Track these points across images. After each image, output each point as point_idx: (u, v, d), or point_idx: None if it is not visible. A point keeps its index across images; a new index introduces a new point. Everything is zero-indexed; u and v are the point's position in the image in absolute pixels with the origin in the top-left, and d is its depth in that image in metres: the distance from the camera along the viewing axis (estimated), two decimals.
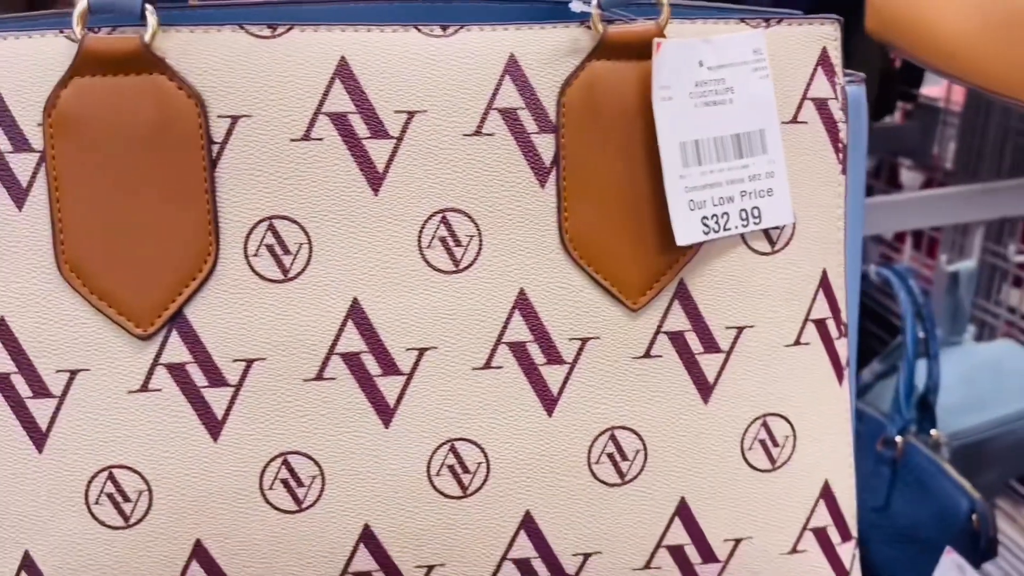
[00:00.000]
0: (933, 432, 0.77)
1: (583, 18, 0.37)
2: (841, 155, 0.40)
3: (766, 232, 0.39)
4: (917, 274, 1.09)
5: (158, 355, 0.36)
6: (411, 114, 0.36)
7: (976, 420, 0.85)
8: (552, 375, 0.38)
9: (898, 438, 0.74)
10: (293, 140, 0.36)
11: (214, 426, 0.36)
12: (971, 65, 0.47)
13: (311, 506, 0.37)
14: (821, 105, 0.39)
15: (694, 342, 0.38)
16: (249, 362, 0.36)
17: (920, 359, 0.77)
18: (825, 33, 0.39)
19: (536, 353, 0.37)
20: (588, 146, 0.37)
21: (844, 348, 0.40)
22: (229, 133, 0.35)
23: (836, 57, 0.39)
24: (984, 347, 0.97)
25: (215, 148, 0.35)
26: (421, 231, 0.36)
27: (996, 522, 0.72)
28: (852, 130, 0.41)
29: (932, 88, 1.15)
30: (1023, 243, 1.06)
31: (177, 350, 0.36)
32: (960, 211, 0.91)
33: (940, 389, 0.79)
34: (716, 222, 0.38)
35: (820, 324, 0.40)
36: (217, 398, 0.36)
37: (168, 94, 0.35)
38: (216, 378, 0.36)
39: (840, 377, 0.40)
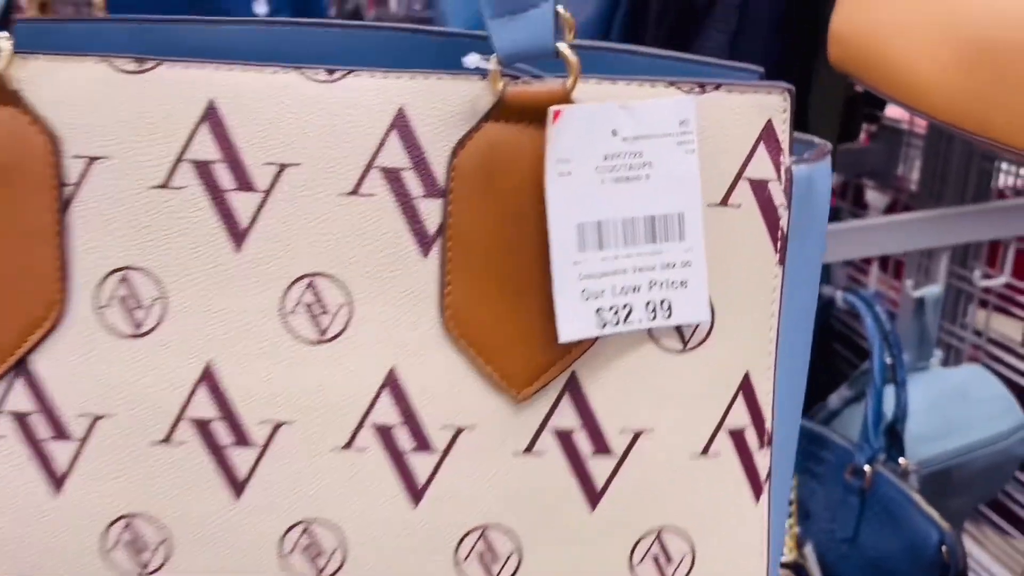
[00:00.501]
0: (902, 460, 0.77)
1: (485, 72, 0.33)
2: (779, 244, 0.34)
3: (678, 328, 0.34)
4: (884, 296, 1.11)
5: (1, 402, 0.34)
6: (282, 167, 0.33)
7: (944, 447, 0.84)
8: (421, 464, 0.34)
9: (867, 467, 0.73)
10: (152, 187, 0.33)
11: (56, 480, 0.34)
12: (935, 101, 0.46)
13: (155, 572, 0.35)
14: (759, 187, 0.34)
15: (583, 443, 0.34)
16: (95, 418, 0.34)
17: (888, 385, 0.76)
18: (771, 104, 0.34)
19: (404, 438, 0.34)
20: (478, 216, 0.33)
21: (766, 460, 0.36)
22: (84, 175, 0.33)
23: (783, 132, 0.34)
24: (951, 372, 0.96)
25: (68, 190, 0.33)
26: (285, 295, 0.33)
27: (965, 552, 0.71)
28: (808, 213, 0.35)
29: (896, 109, 1.13)
30: (989, 266, 1.07)
31: (21, 398, 0.34)
32: (926, 236, 0.91)
33: (908, 416, 0.79)
34: (615, 314, 0.33)
35: (736, 434, 0.35)
36: (61, 451, 0.34)
37: (21, 129, 0.32)
38: (60, 431, 0.34)
39: (757, 493, 0.36)
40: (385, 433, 0.34)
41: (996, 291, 1.07)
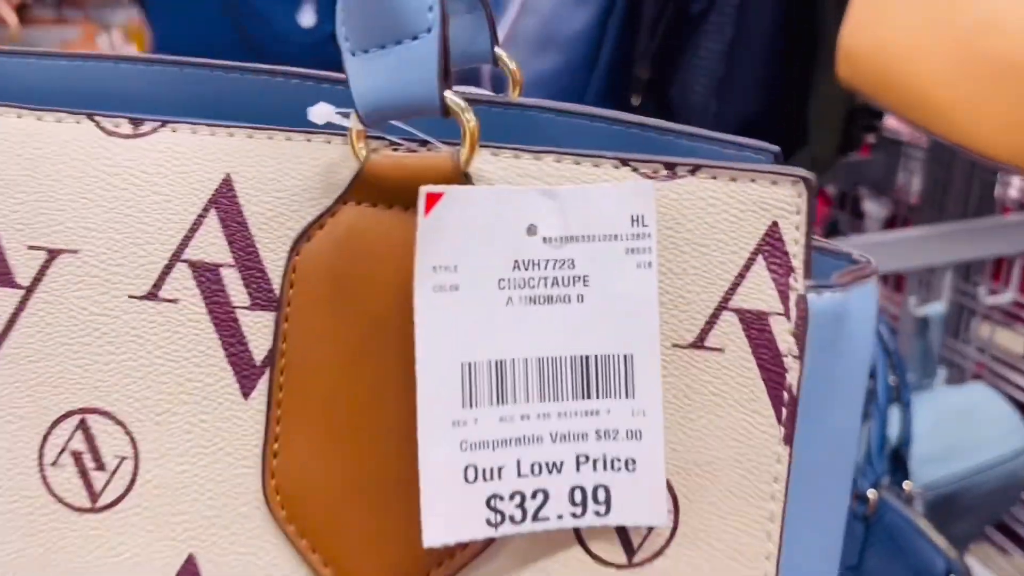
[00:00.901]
0: (906, 485, 0.74)
1: (336, 131, 0.22)
2: (784, 412, 0.23)
3: (621, 531, 0.22)
4: (884, 311, 1.06)
5: None
6: (53, 254, 0.23)
7: (950, 470, 0.83)
8: None
9: (871, 493, 0.70)
10: None
11: None
12: (942, 117, 0.46)
13: None
14: (754, 322, 0.22)
15: None
16: None
17: (892, 405, 0.74)
18: (777, 199, 0.22)
19: None
20: (325, 341, 0.22)
21: None
22: None
23: (795, 241, 0.22)
24: (956, 392, 0.93)
25: None
26: (44, 440, 0.23)
27: None
28: (838, 364, 0.23)
29: (895, 120, 1.09)
30: (993, 280, 1.03)
31: None
32: (929, 253, 0.88)
33: (912, 438, 0.77)
34: (519, 506, 0.22)
35: None
36: None
37: None
38: None
39: None
40: None
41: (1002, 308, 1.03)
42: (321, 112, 0.21)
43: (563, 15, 0.61)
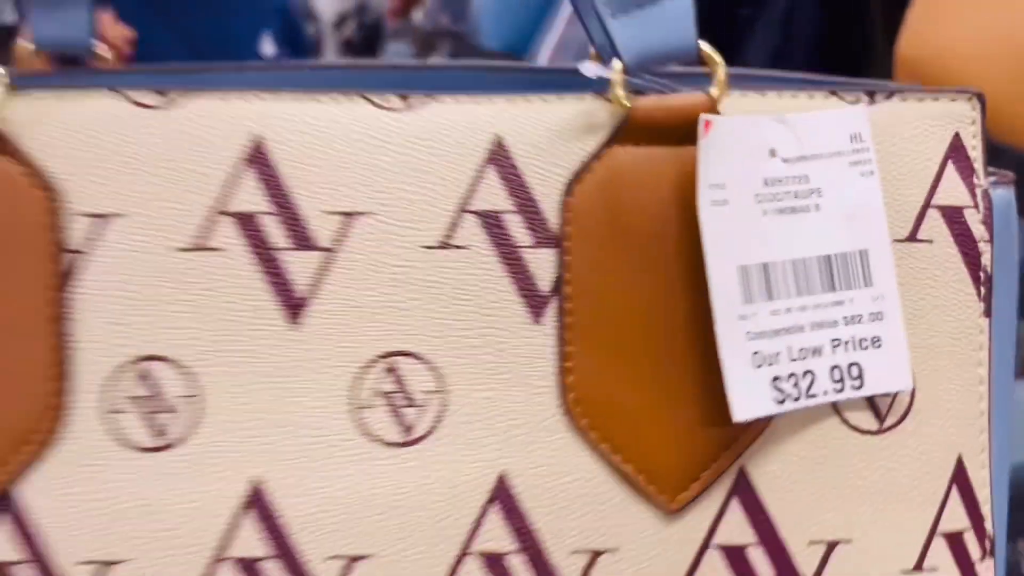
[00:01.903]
0: None
1: (600, 87, 0.26)
2: (983, 289, 0.27)
3: (871, 401, 0.26)
4: None
5: None
6: (349, 216, 0.25)
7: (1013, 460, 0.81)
8: None
9: None
10: (180, 249, 0.25)
11: None
12: (1003, 122, 0.42)
13: None
14: (953, 216, 0.27)
15: (762, 563, 0.26)
16: (105, 565, 0.25)
17: None
18: (958, 113, 0.27)
19: (522, 569, 0.25)
20: (604, 266, 0.25)
21: (990, 574, 0.27)
22: (91, 238, 0.25)
23: (974, 148, 0.27)
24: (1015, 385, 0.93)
25: (69, 258, 0.25)
26: (357, 383, 0.25)
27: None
28: (1000, 250, 0.28)
29: None
30: None
31: (3, 545, 0.25)
32: None
33: None
34: (795, 385, 0.25)
35: (954, 539, 0.27)
36: None
37: (13, 183, 0.25)
38: None
39: None
40: (496, 563, 0.25)
41: None
42: (589, 67, 0.25)
43: None
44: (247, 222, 0.25)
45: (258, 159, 0.25)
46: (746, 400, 0.24)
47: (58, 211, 0.25)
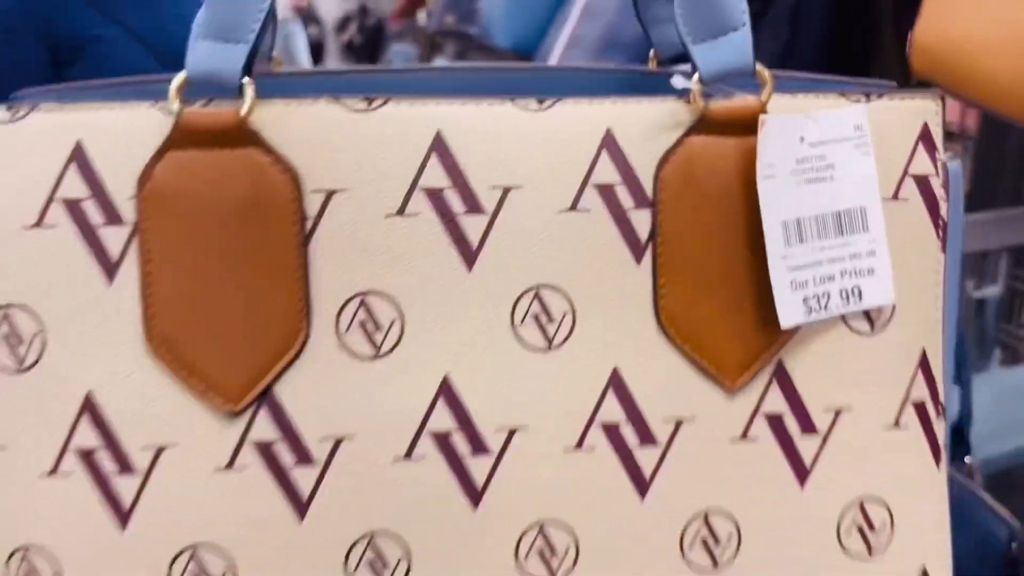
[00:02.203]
0: (967, 460, 0.75)
1: (682, 93, 0.36)
2: (941, 233, 0.38)
3: (866, 312, 0.38)
4: None
5: (245, 432, 0.35)
6: (507, 189, 0.35)
7: (1008, 446, 0.85)
8: (646, 457, 0.36)
9: None
10: (388, 215, 0.35)
11: (300, 507, 0.35)
12: (1014, 106, 0.46)
13: None
14: (922, 182, 0.38)
15: (792, 424, 0.37)
16: (337, 440, 0.35)
17: (953, 385, 0.78)
18: (927, 108, 0.38)
19: (629, 435, 0.36)
20: (685, 222, 0.36)
21: (942, 430, 0.39)
22: (324, 208, 0.35)
23: (937, 133, 0.38)
24: (1011, 372, 0.98)
25: (309, 223, 0.35)
26: (514, 308, 0.36)
27: None
28: (955, 204, 0.40)
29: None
30: None
31: (265, 428, 0.35)
32: (983, 238, 0.92)
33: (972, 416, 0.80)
34: (818, 302, 0.36)
35: (919, 406, 0.38)
36: (303, 477, 0.35)
37: (262, 169, 0.34)
38: (303, 457, 0.35)
39: (938, 460, 0.39)
40: (612, 431, 0.36)
41: None
42: (679, 81, 0.35)
43: (628, 18, 0.71)
44: (434, 194, 0.35)
45: (440, 147, 0.35)
46: (788, 313, 0.36)
47: (298, 188, 0.34)
